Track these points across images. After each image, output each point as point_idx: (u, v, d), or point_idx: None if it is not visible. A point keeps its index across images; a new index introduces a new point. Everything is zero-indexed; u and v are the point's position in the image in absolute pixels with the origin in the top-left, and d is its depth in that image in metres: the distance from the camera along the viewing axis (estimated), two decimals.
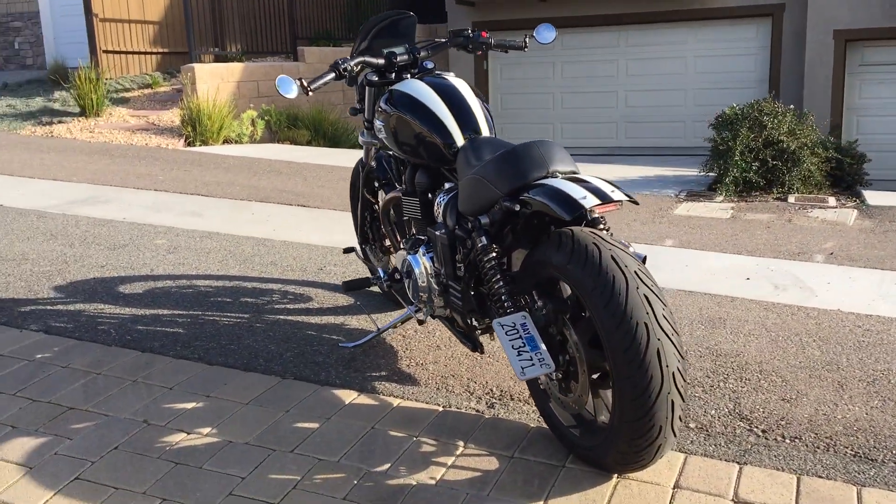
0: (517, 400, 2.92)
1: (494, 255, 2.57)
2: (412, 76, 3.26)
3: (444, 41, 3.37)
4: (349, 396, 2.95)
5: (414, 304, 3.09)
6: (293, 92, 3.04)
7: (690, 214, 6.08)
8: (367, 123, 3.43)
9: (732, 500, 2.33)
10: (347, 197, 5.70)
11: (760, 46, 11.54)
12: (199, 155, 8.14)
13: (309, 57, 10.88)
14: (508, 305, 2.53)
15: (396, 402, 2.92)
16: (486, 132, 2.94)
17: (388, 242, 3.70)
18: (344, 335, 3.51)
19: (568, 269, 2.28)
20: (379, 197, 3.55)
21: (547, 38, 3.38)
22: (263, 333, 3.52)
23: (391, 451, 2.59)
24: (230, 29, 11.07)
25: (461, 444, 2.63)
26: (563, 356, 2.44)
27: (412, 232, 3.19)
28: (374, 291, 4.03)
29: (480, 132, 2.93)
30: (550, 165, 2.49)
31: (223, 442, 2.64)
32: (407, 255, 3.03)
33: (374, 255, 3.89)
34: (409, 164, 3.15)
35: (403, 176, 3.21)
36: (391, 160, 3.37)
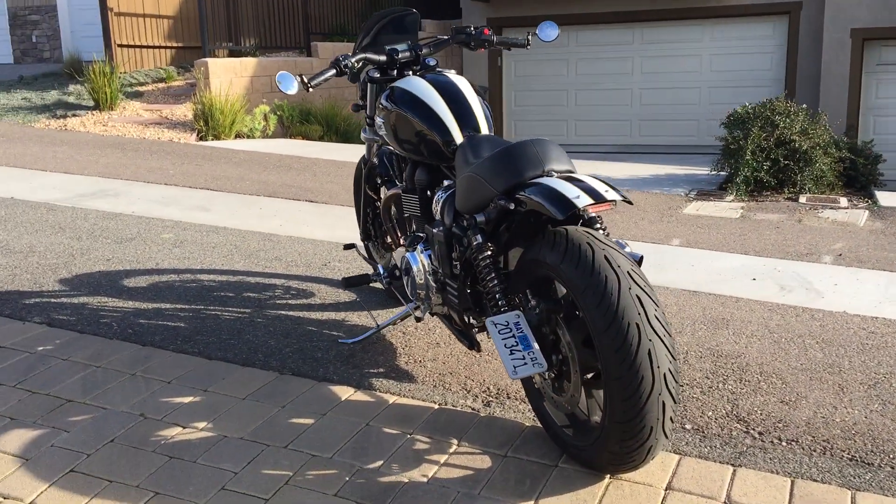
0: (514, 398, 2.92)
1: (489, 253, 2.57)
2: (414, 73, 3.26)
3: (446, 38, 3.36)
4: (346, 393, 2.96)
5: (412, 301, 3.09)
6: (293, 88, 3.05)
7: (699, 214, 6.04)
8: (368, 120, 3.43)
9: (724, 502, 2.31)
10: None
11: (777, 45, 11.46)
12: (210, 149, 8.17)
13: (322, 52, 10.89)
14: (502, 304, 2.52)
15: (393, 399, 2.92)
16: (485, 130, 2.94)
17: (389, 239, 3.70)
18: (344, 331, 3.52)
19: (561, 268, 2.27)
20: (381, 193, 3.55)
21: (549, 35, 3.37)
22: (264, 328, 3.53)
23: (385, 448, 2.59)
24: (245, 24, 11.11)
25: (455, 442, 2.63)
26: (556, 356, 2.44)
27: (413, 229, 3.19)
28: (377, 288, 4.04)
29: (479, 130, 2.93)
30: (546, 164, 2.48)
31: (218, 436, 2.65)
32: (406, 252, 3.03)
33: (376, 251, 3.89)
34: (409, 161, 3.15)
35: (404, 173, 3.21)
36: (392, 157, 3.37)
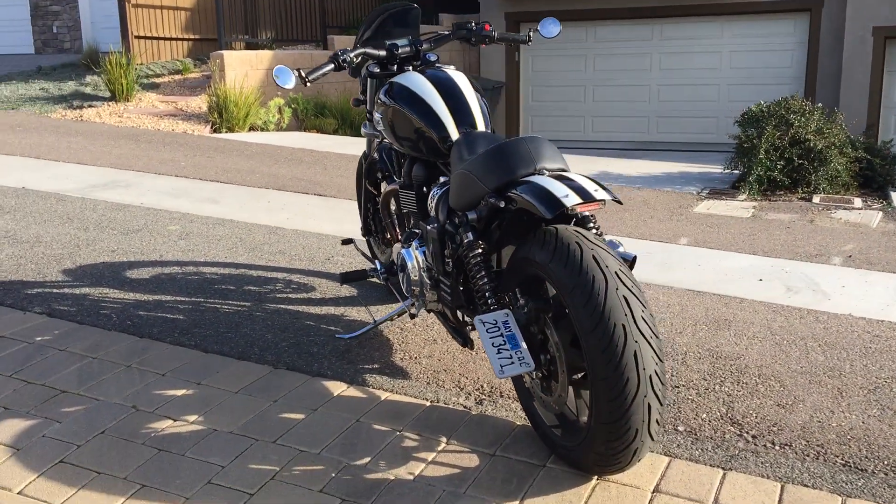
0: (506, 397, 2.90)
1: (480, 251, 2.55)
2: (414, 68, 3.24)
3: (446, 34, 3.34)
4: (339, 388, 2.95)
5: (409, 297, 3.08)
6: (291, 82, 3.04)
7: (710, 212, 5.99)
8: (368, 115, 3.42)
9: None
10: None
11: (797, 42, 11.34)
12: (223, 142, 8.19)
13: (339, 45, 10.89)
14: (492, 302, 2.51)
15: (385, 395, 2.91)
16: (481, 127, 2.92)
17: (389, 235, 3.70)
18: (342, 326, 3.51)
19: (550, 267, 2.26)
20: (381, 189, 3.54)
21: (551, 32, 3.35)
22: (262, 322, 3.53)
23: (373, 444, 2.58)
24: (262, 17, 11.13)
25: (444, 440, 2.62)
26: (544, 355, 2.42)
27: (410, 225, 3.18)
28: (378, 283, 4.03)
29: (476, 127, 2.91)
30: (538, 162, 2.46)
31: (208, 430, 2.66)
32: (401, 248, 3.03)
33: (377, 247, 3.89)
34: (407, 156, 3.14)
35: (403, 168, 3.20)
36: (392, 152, 3.35)
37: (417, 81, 3.00)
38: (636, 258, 2.56)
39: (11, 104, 9.57)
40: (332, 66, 3.09)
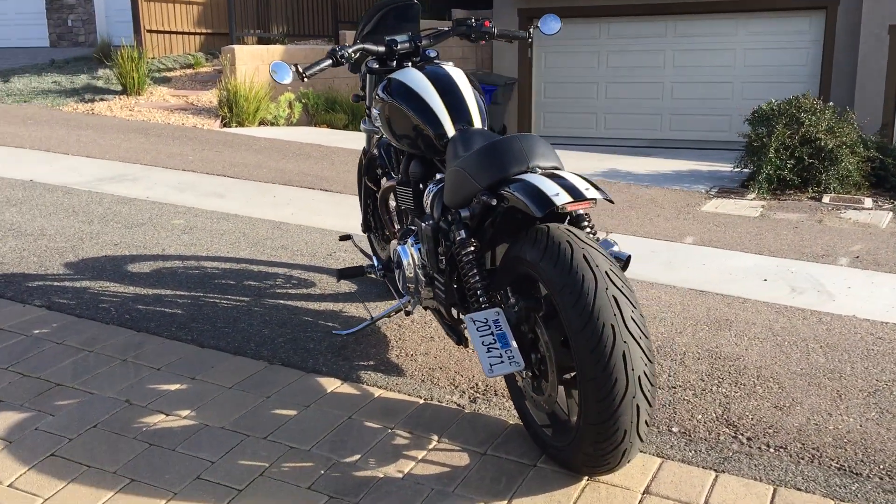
0: (500, 396, 2.89)
1: (472, 249, 2.54)
2: (414, 64, 3.23)
3: (446, 30, 3.32)
4: (332, 385, 2.95)
5: (404, 294, 3.07)
6: (288, 78, 3.04)
7: (718, 211, 5.95)
8: (368, 111, 3.41)
9: None
10: None
11: (813, 40, 11.25)
12: (232, 136, 8.20)
13: (350, 40, 10.89)
14: (483, 301, 2.49)
15: (378, 392, 2.90)
16: (478, 124, 2.90)
17: (388, 231, 3.69)
18: (340, 322, 3.51)
19: (540, 266, 2.24)
20: (381, 185, 3.52)
21: (552, 28, 3.32)
22: (260, 317, 3.53)
23: (364, 442, 2.57)
24: (274, 11, 11.14)
25: (435, 438, 2.60)
26: (535, 355, 2.40)
27: (407, 222, 3.17)
28: (378, 279, 4.02)
29: (473, 124, 2.89)
30: (531, 160, 2.44)
31: (200, 425, 2.65)
32: (397, 245, 3.01)
33: (378, 243, 3.88)
34: (405, 153, 3.12)
35: (401, 165, 3.18)
36: (391, 149, 3.34)
37: (415, 78, 2.99)
38: (630, 258, 2.54)
39: (24, 97, 9.62)
40: (329, 61, 3.08)
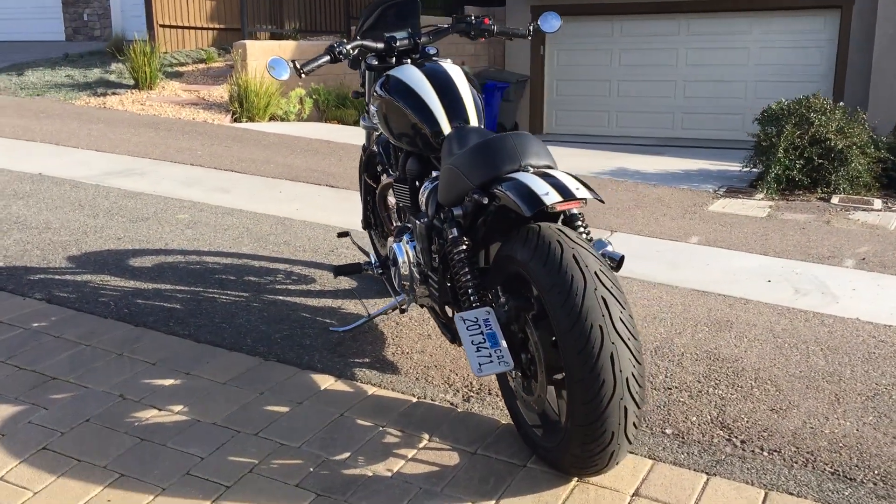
0: (494, 395, 2.88)
1: (464, 247, 2.53)
2: (413, 61, 3.21)
3: (446, 27, 3.31)
4: (326, 382, 2.94)
5: (400, 292, 3.07)
6: (286, 74, 3.03)
7: (725, 211, 5.91)
8: (368, 108, 3.40)
9: None
10: None
11: (827, 39, 11.17)
12: (242, 131, 8.22)
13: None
14: (474, 299, 2.48)
15: (372, 389, 2.90)
16: (474, 122, 2.89)
17: (386, 228, 3.68)
18: (338, 319, 3.50)
19: (530, 265, 2.23)
20: (381, 182, 3.52)
21: (553, 26, 3.31)
22: (258, 313, 3.53)
23: (354, 439, 2.57)
24: (287, 7, 11.15)
25: (426, 436, 2.60)
26: (525, 355, 2.39)
27: (405, 219, 3.16)
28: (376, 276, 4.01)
29: (469, 121, 2.88)
30: (523, 159, 2.42)
31: (191, 420, 2.66)
32: (393, 242, 3.01)
33: (378, 240, 3.87)
34: (403, 150, 3.12)
35: (399, 162, 3.17)
36: (389, 146, 3.33)
37: (412, 75, 2.98)
38: (624, 258, 2.52)
39: (37, 90, 9.68)
40: (327, 57, 3.07)
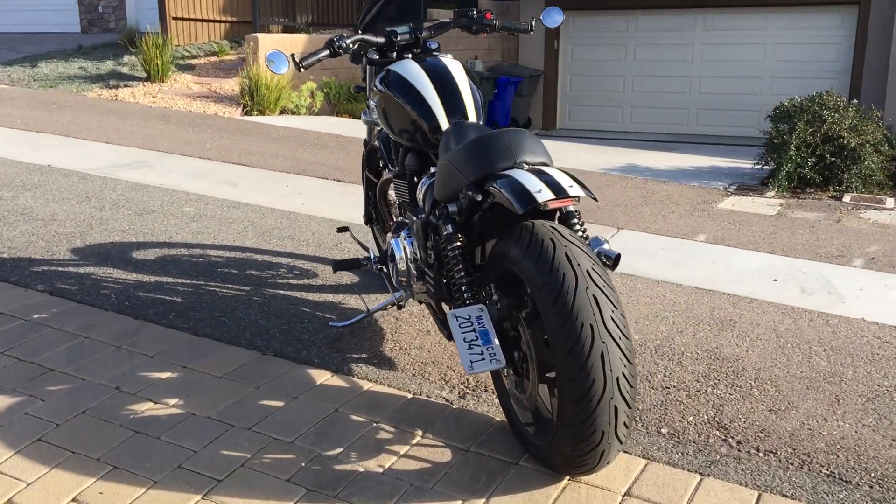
0: (490, 392, 2.86)
1: (458, 244, 2.51)
2: (414, 56, 3.20)
3: (447, 21, 3.29)
4: (322, 377, 2.94)
5: (398, 287, 3.06)
6: (285, 68, 3.03)
7: (734, 209, 5.86)
8: (369, 102, 3.39)
9: None
10: None
11: (845, 35, 11.05)
12: (252, 124, 8.23)
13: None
14: (467, 296, 2.47)
15: (368, 385, 2.89)
16: (472, 117, 2.87)
17: (387, 224, 3.67)
18: (337, 314, 3.50)
19: (523, 263, 2.21)
20: (382, 177, 3.51)
21: (555, 20, 3.28)
22: (258, 307, 3.53)
23: (347, 435, 2.56)
24: (300, 0, 11.15)
25: (419, 433, 2.59)
26: (517, 353, 2.38)
27: (404, 215, 3.15)
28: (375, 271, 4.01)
29: (467, 117, 2.86)
30: (518, 156, 2.41)
31: (186, 414, 2.66)
32: (391, 238, 3.00)
33: (380, 235, 3.86)
34: (402, 145, 3.10)
35: (398, 157, 3.16)
36: (389, 141, 3.32)
37: (412, 70, 2.96)
38: (619, 256, 2.50)
39: (50, 82, 9.73)
40: (327, 51, 3.06)
